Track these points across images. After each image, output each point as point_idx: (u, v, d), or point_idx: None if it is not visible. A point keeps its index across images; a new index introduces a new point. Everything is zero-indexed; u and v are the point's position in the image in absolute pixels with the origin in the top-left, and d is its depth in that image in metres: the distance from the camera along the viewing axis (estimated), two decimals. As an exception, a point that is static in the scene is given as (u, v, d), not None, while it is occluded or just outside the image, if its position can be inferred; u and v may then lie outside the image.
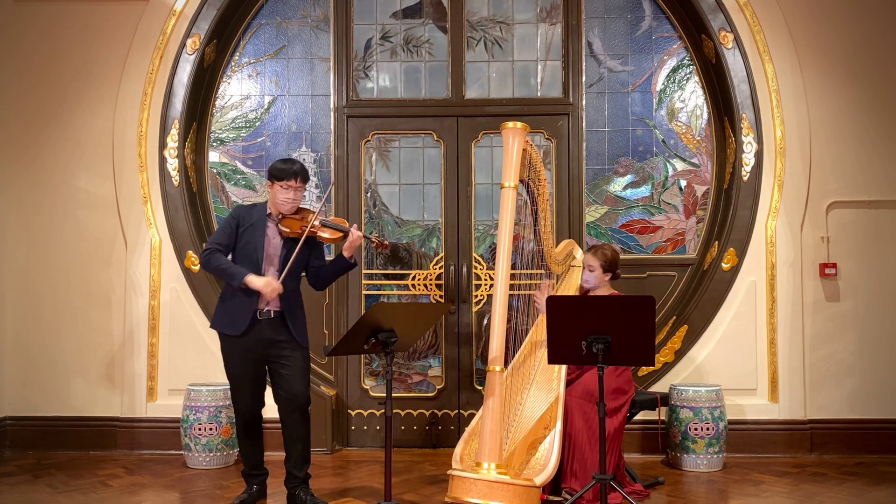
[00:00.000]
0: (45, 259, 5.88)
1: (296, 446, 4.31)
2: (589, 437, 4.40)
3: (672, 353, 5.74)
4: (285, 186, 4.29)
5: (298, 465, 4.33)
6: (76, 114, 5.91)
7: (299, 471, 4.33)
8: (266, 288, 4.17)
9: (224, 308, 4.33)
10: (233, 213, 4.43)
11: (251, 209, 4.43)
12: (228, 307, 4.29)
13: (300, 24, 6.11)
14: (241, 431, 4.45)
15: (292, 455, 4.33)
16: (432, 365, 6.00)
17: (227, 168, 6.11)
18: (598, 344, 3.78)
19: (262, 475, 4.50)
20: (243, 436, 4.45)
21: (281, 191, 4.30)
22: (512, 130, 4.54)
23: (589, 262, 4.77)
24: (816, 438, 5.63)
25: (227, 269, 4.24)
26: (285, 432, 4.33)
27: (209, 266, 4.31)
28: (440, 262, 5.99)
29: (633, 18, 6.05)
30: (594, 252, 4.78)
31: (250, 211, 4.41)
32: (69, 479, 5.05)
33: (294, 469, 4.33)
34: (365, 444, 5.93)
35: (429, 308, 5.21)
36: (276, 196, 4.31)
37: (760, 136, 5.74)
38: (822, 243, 5.72)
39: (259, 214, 4.37)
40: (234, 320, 4.25)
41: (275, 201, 4.33)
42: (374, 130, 6.07)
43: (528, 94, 6.09)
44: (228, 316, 4.28)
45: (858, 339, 5.70)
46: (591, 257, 4.76)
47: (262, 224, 4.33)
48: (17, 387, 5.85)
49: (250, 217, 4.36)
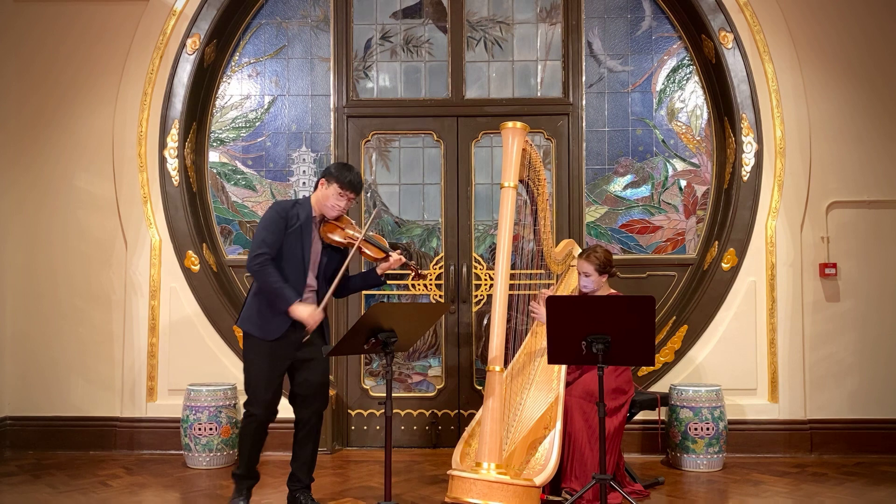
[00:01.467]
0: (46, 259, 5.88)
1: (306, 448, 4.27)
2: (589, 437, 4.40)
3: (672, 353, 5.74)
4: (343, 195, 4.14)
5: (305, 469, 4.28)
6: (76, 114, 5.91)
7: (305, 475, 4.29)
8: (310, 320, 4.03)
9: (259, 311, 4.13)
10: (278, 211, 4.16)
11: (295, 207, 4.19)
12: (265, 313, 4.10)
13: (300, 24, 6.11)
14: (251, 433, 4.19)
15: (301, 457, 4.27)
16: (432, 365, 6.00)
17: (227, 168, 6.11)
18: (597, 344, 3.78)
19: (254, 480, 4.31)
20: (253, 437, 4.20)
21: (337, 197, 4.14)
22: (512, 130, 4.54)
23: (583, 268, 4.71)
24: (816, 438, 5.63)
25: (278, 290, 4.02)
26: (299, 434, 4.27)
27: (262, 276, 4.05)
28: (440, 262, 5.99)
29: (633, 18, 6.05)
30: (586, 257, 4.71)
31: (295, 209, 4.17)
32: (69, 479, 5.05)
33: (300, 472, 4.29)
34: (365, 444, 5.93)
35: (429, 308, 5.21)
36: (328, 199, 4.15)
37: (760, 136, 5.74)
38: (822, 243, 5.72)
39: (305, 215, 4.17)
40: (270, 327, 4.09)
41: (324, 203, 4.16)
42: (374, 130, 6.07)
43: (528, 94, 6.09)
44: (263, 320, 4.10)
45: (858, 339, 5.70)
46: (585, 263, 4.70)
47: (309, 228, 4.16)
48: (18, 387, 5.86)
49: (297, 217, 4.15)
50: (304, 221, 4.15)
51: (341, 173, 4.16)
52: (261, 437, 4.23)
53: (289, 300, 4.02)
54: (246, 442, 4.21)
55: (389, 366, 3.88)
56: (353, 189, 4.17)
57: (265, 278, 4.04)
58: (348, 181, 4.14)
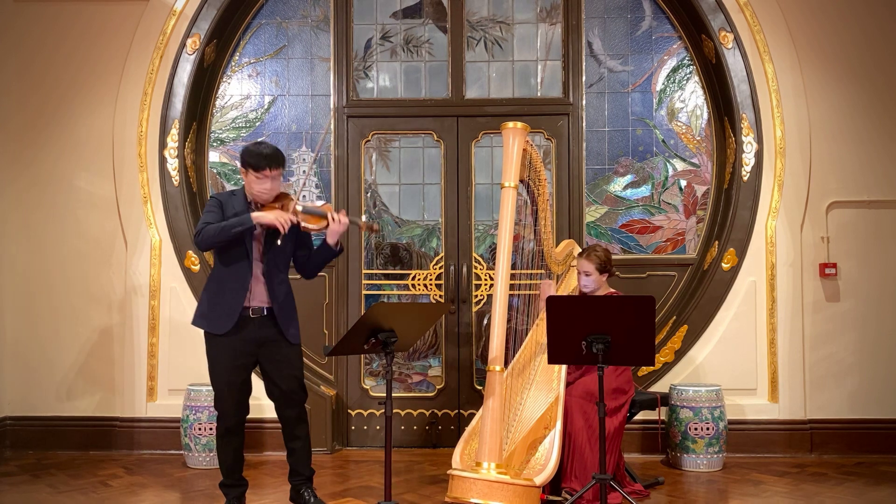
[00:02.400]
0: (45, 259, 5.88)
1: (296, 443, 4.22)
2: (589, 437, 4.40)
3: (672, 353, 5.74)
4: (260, 177, 3.98)
5: (301, 462, 4.24)
6: (76, 114, 5.91)
7: (303, 468, 4.24)
8: (278, 219, 3.87)
9: (209, 302, 4.06)
10: (215, 199, 4.10)
11: (231, 197, 4.11)
12: (214, 302, 4.03)
13: (300, 24, 6.11)
14: (220, 438, 4.13)
15: (294, 452, 4.24)
16: (432, 365, 6.00)
17: (228, 168, 6.11)
18: (598, 344, 3.78)
19: (242, 487, 4.23)
20: (223, 443, 4.12)
21: (256, 181, 4.00)
22: (512, 130, 4.54)
23: (584, 267, 4.71)
24: (816, 438, 5.63)
25: (227, 223, 3.89)
26: (285, 431, 4.24)
27: (206, 236, 3.93)
28: (440, 262, 5.99)
29: (633, 18, 6.05)
30: (587, 256, 4.72)
31: (231, 199, 4.09)
32: (69, 479, 5.05)
33: (298, 466, 4.24)
34: (365, 444, 5.93)
35: (429, 308, 5.20)
36: (252, 186, 4.02)
37: (760, 136, 5.74)
38: (822, 243, 5.72)
39: (240, 205, 4.06)
40: (220, 317, 4.00)
41: (252, 191, 4.05)
42: (374, 130, 6.07)
43: (528, 94, 6.09)
44: (213, 312, 4.02)
45: (858, 339, 5.70)
46: (586, 262, 4.71)
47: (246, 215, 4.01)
48: (17, 387, 5.85)
49: (232, 206, 4.05)
50: (240, 209, 4.04)
51: (250, 156, 4.00)
52: (233, 439, 4.13)
53: (245, 218, 3.90)
54: (219, 446, 4.15)
55: (389, 366, 3.88)
56: (269, 163, 3.97)
57: (211, 232, 3.92)
58: (258, 159, 3.97)
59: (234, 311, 4.00)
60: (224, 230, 3.92)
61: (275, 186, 4.05)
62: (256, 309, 4.06)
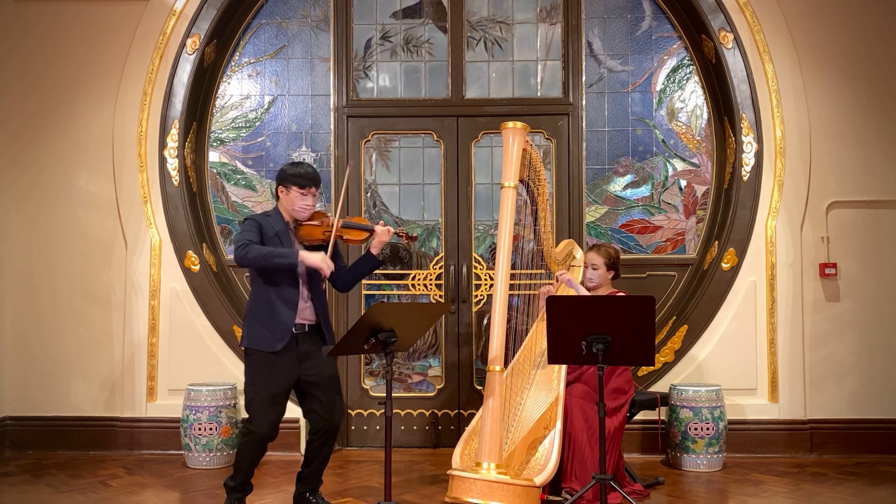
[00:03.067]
0: (46, 259, 5.88)
1: (318, 457, 4.24)
2: (589, 437, 4.40)
3: (672, 353, 5.74)
4: (305, 193, 4.10)
5: (317, 472, 4.28)
6: (76, 114, 5.91)
7: (317, 477, 4.29)
8: (323, 263, 3.94)
9: (258, 324, 4.07)
10: (254, 220, 4.11)
11: (266, 218, 4.15)
12: (265, 323, 4.05)
13: (300, 24, 6.11)
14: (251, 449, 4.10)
15: (313, 463, 4.25)
16: (432, 365, 6.00)
17: (227, 168, 6.11)
18: (598, 344, 3.78)
19: (247, 491, 4.22)
20: (252, 454, 4.12)
21: (299, 198, 4.10)
22: (512, 130, 4.54)
23: (592, 260, 4.75)
24: (816, 438, 5.63)
25: (273, 251, 3.94)
26: (313, 445, 4.22)
27: (250, 255, 3.94)
28: (440, 262, 5.99)
29: (633, 18, 6.05)
30: (597, 250, 4.77)
31: (267, 220, 4.13)
32: (69, 479, 5.05)
33: (311, 475, 4.27)
34: (365, 444, 5.93)
35: (429, 308, 5.20)
36: (293, 203, 4.11)
37: (760, 136, 5.74)
38: (822, 243, 5.72)
39: (279, 225, 4.12)
40: (274, 336, 4.02)
41: (290, 208, 4.13)
42: (374, 130, 6.07)
43: (528, 94, 6.09)
44: (266, 331, 4.04)
45: (858, 339, 5.70)
46: (595, 255, 4.75)
47: (286, 235, 4.11)
48: (17, 387, 5.85)
49: (271, 227, 4.10)
50: (280, 229, 4.11)
51: (295, 174, 4.11)
52: (260, 453, 4.15)
53: (291, 252, 3.97)
54: (244, 457, 4.13)
55: (389, 366, 3.88)
56: (312, 182, 4.11)
57: (255, 253, 3.95)
58: (303, 178, 4.09)
59: (286, 330, 4.05)
60: (268, 257, 3.97)
61: (314, 204, 4.17)
62: (300, 325, 4.10)
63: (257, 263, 4.01)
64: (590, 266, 4.75)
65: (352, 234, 4.17)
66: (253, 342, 4.09)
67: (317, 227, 4.14)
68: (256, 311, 4.10)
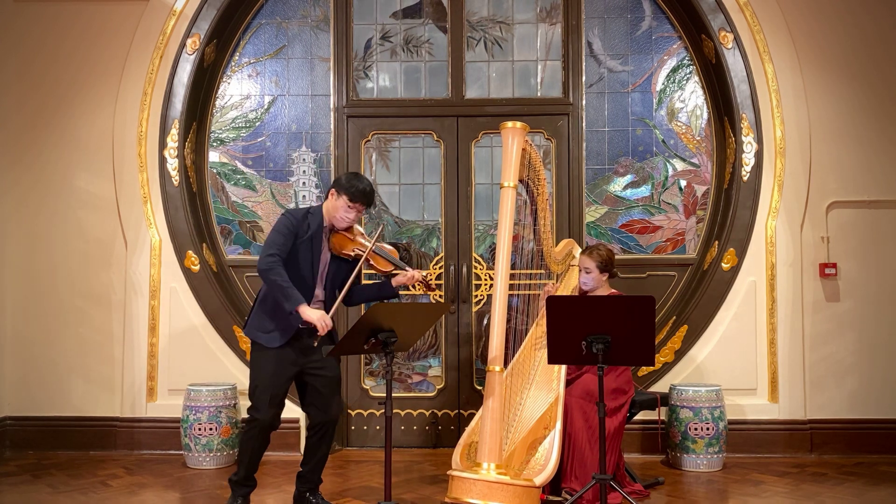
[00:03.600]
0: (46, 259, 5.88)
1: (317, 454, 4.27)
2: (589, 437, 4.40)
3: (672, 353, 5.74)
4: (352, 207, 4.10)
5: (316, 470, 4.31)
6: (76, 114, 5.91)
7: (316, 475, 4.31)
8: (320, 322, 3.96)
9: (266, 317, 4.11)
10: (290, 220, 4.12)
11: (307, 216, 4.15)
12: (273, 318, 4.08)
13: (300, 24, 6.11)
14: (253, 438, 4.13)
15: (312, 461, 4.28)
16: (432, 365, 6.00)
17: (227, 168, 6.11)
18: (598, 344, 3.78)
19: (251, 487, 4.24)
20: (255, 443, 4.14)
21: (346, 210, 4.10)
22: (511, 130, 4.54)
23: (584, 264, 4.72)
24: (816, 438, 5.63)
25: (285, 290, 3.95)
26: (311, 441, 4.26)
27: (270, 275, 3.98)
28: (440, 262, 5.99)
29: (633, 18, 6.05)
30: (588, 254, 4.73)
31: (306, 219, 4.13)
32: (69, 479, 5.05)
33: (310, 473, 4.30)
34: (365, 444, 5.93)
35: (429, 308, 5.20)
36: (338, 211, 4.12)
37: (760, 136, 5.74)
38: (822, 243, 5.72)
39: (316, 225, 4.13)
40: (277, 332, 4.08)
41: (333, 214, 4.14)
42: (374, 130, 6.07)
43: (528, 94, 6.09)
44: (271, 326, 4.08)
45: (858, 339, 5.70)
46: (587, 259, 4.72)
47: (319, 238, 4.13)
48: (18, 387, 5.85)
49: (307, 227, 4.11)
50: (314, 231, 4.13)
51: (351, 186, 4.10)
52: (262, 443, 4.17)
53: (297, 300, 3.97)
54: (247, 448, 4.15)
55: (389, 366, 3.88)
56: (364, 201, 4.13)
57: (275, 277, 3.98)
58: (358, 194, 4.10)
59: (291, 328, 4.08)
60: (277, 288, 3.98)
61: (356, 219, 4.21)
62: (307, 323, 4.09)
63: (266, 283, 4.07)
64: (583, 270, 4.73)
65: (380, 262, 4.20)
66: (256, 334, 4.13)
67: (349, 241, 4.16)
68: (267, 304, 4.14)
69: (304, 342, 4.12)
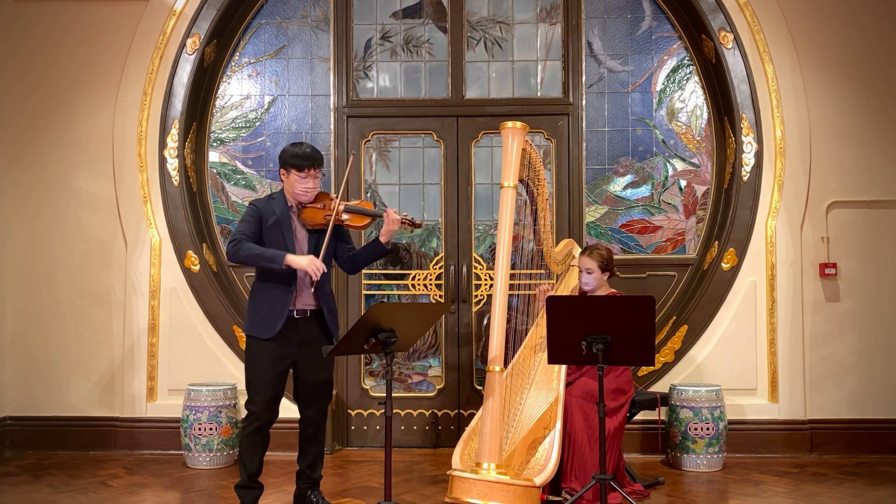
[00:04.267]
0: (46, 259, 5.88)
1: (313, 447, 4.28)
2: (589, 437, 4.40)
3: (672, 353, 5.74)
4: (304, 175, 4.08)
5: (314, 466, 4.30)
6: (76, 114, 5.91)
7: (314, 472, 4.31)
8: (310, 266, 3.95)
9: (256, 310, 4.11)
10: (252, 208, 4.14)
11: (269, 202, 4.16)
12: (261, 309, 4.09)
13: (300, 24, 6.11)
14: (251, 434, 4.10)
15: (308, 455, 4.28)
16: (432, 365, 6.00)
17: (227, 168, 6.11)
18: (598, 344, 3.78)
19: (259, 490, 4.21)
20: (253, 439, 4.10)
21: (299, 180, 4.08)
22: (511, 130, 4.54)
23: (586, 265, 4.72)
24: (816, 438, 5.63)
25: (263, 254, 3.96)
26: (304, 432, 4.27)
27: (240, 254, 3.99)
28: (440, 262, 5.99)
29: (633, 18, 6.05)
30: (589, 254, 4.73)
31: (269, 204, 4.14)
32: (69, 479, 5.05)
33: (308, 469, 4.30)
34: (365, 444, 5.93)
35: (429, 308, 5.20)
36: (294, 186, 4.10)
37: (760, 136, 5.74)
38: (822, 243, 5.72)
39: (281, 208, 4.13)
40: (267, 322, 4.05)
41: (292, 191, 4.13)
42: (374, 130, 6.07)
43: (528, 94, 6.09)
44: (261, 317, 4.08)
45: (858, 339, 5.70)
46: (588, 260, 4.72)
47: (287, 219, 4.12)
48: (18, 387, 5.85)
49: (272, 212, 4.11)
50: (280, 215, 4.11)
51: (292, 156, 4.09)
52: (261, 440, 4.13)
53: (279, 255, 3.96)
54: (247, 446, 4.12)
55: (389, 366, 3.88)
56: (311, 163, 4.09)
57: (245, 252, 3.98)
58: (301, 161, 4.07)
59: (280, 315, 4.06)
60: (257, 258, 3.99)
61: (316, 185, 4.14)
62: (301, 311, 4.12)
63: (246, 262, 4.10)
64: (584, 271, 4.72)
65: (354, 219, 4.13)
66: (251, 329, 4.14)
67: (319, 211, 4.12)
68: (255, 298, 4.16)
69: (300, 332, 4.11)
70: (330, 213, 4.10)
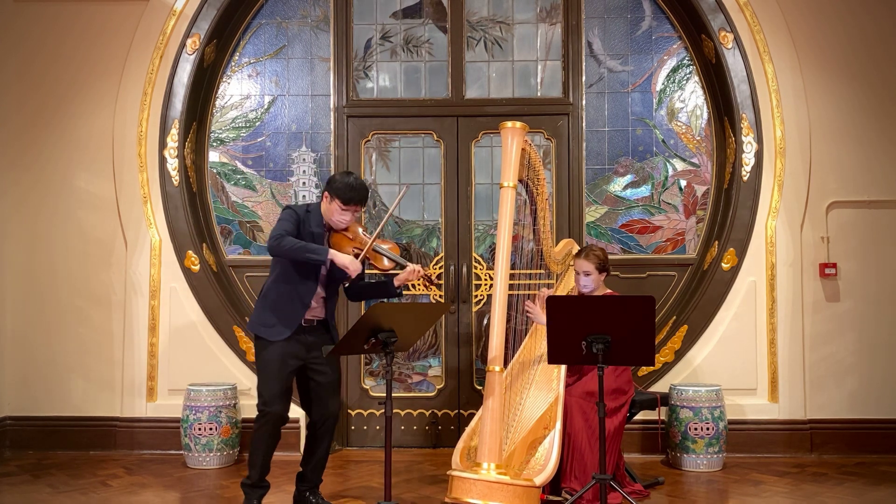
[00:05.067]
0: (46, 259, 5.88)
1: (318, 452, 4.30)
2: (589, 437, 4.40)
3: (672, 353, 5.74)
4: (346, 210, 4.12)
5: (317, 470, 4.33)
6: (76, 114, 5.91)
7: (316, 475, 4.34)
8: (352, 266, 4.02)
9: (269, 312, 4.16)
10: (293, 212, 4.16)
11: (308, 214, 4.19)
12: (275, 313, 4.14)
13: (300, 24, 6.11)
14: (266, 434, 4.14)
15: (312, 460, 4.31)
16: (432, 365, 6.00)
17: (227, 168, 6.11)
18: (598, 344, 3.78)
19: (265, 489, 4.25)
20: (267, 439, 4.15)
21: (339, 212, 4.12)
22: (511, 130, 4.54)
23: (583, 267, 4.69)
24: (816, 438, 5.63)
25: (306, 246, 3.99)
26: (311, 439, 4.29)
27: (283, 247, 3.99)
28: (440, 262, 5.99)
29: (633, 18, 6.05)
30: (585, 256, 4.70)
31: (308, 217, 4.18)
32: (69, 479, 5.05)
33: (311, 473, 4.33)
34: (365, 444, 5.94)
35: (429, 308, 5.21)
36: (333, 214, 4.14)
37: (760, 136, 5.74)
38: (822, 243, 5.72)
39: (317, 224, 4.17)
40: (281, 326, 4.12)
41: (329, 217, 4.17)
42: (374, 130, 6.07)
43: (528, 94, 6.09)
44: (275, 319, 4.13)
45: (858, 339, 5.70)
46: (584, 262, 4.69)
47: (321, 239, 4.16)
48: (18, 386, 5.85)
49: (309, 224, 4.16)
50: (315, 231, 4.16)
51: (339, 187, 4.11)
52: (274, 438, 4.18)
53: (323, 251, 4.02)
54: (259, 445, 4.15)
55: (389, 366, 3.88)
56: (356, 203, 4.14)
57: (289, 244, 4.00)
58: (349, 198, 4.10)
59: (293, 323, 4.13)
60: (301, 251, 4.01)
61: (353, 219, 4.21)
62: (308, 321, 4.19)
63: (290, 255, 4.05)
64: (582, 273, 4.71)
65: (379, 261, 4.19)
66: (259, 329, 4.17)
67: (348, 241, 4.18)
68: (270, 299, 4.19)
69: (307, 337, 4.17)
70: (359, 248, 4.14)
